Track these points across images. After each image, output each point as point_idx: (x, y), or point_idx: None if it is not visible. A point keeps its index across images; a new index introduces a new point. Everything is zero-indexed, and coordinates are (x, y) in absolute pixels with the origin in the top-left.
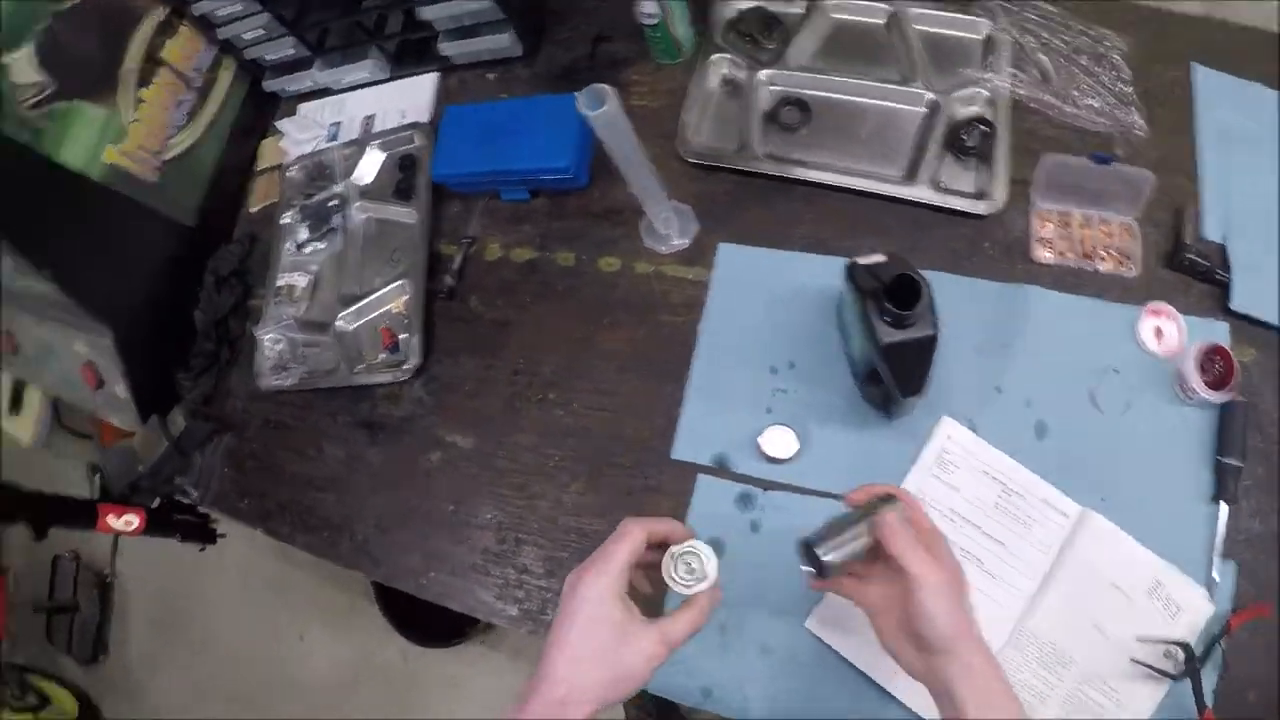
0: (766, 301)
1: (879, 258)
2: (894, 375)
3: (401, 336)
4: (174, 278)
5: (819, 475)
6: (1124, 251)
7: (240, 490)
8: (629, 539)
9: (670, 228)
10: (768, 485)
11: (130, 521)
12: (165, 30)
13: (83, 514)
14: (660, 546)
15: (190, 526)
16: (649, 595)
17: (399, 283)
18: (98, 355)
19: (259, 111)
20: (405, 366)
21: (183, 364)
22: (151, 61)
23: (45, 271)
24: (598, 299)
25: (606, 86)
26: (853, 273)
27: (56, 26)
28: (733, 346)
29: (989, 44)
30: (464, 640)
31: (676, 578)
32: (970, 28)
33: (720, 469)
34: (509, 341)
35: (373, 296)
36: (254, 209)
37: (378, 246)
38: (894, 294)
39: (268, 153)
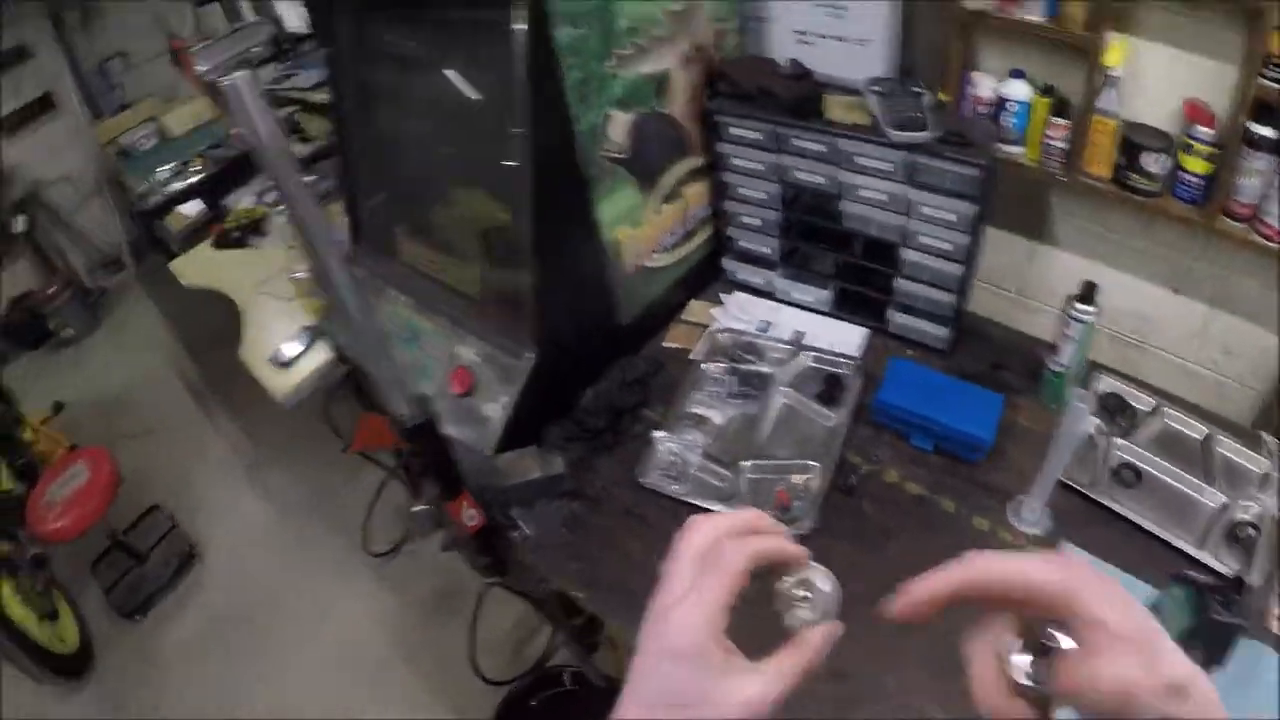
0: None
1: (1200, 575)
2: (1208, 647)
3: (796, 503)
4: (585, 352)
5: None
6: None
7: (574, 554)
8: (731, 574)
9: (1034, 515)
10: None
11: (473, 517)
12: (696, 174)
13: (452, 482)
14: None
15: (497, 555)
16: None
17: (804, 462)
18: (490, 370)
19: (703, 275)
20: (794, 528)
21: (550, 421)
22: (679, 186)
23: (535, 268)
24: (967, 544)
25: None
26: (1186, 575)
27: (649, 117)
28: None
29: (1266, 477)
30: None
31: (788, 610)
32: (1255, 462)
33: None
34: (886, 548)
35: (777, 463)
36: (667, 344)
37: (786, 427)
38: (1234, 584)
39: (696, 310)
